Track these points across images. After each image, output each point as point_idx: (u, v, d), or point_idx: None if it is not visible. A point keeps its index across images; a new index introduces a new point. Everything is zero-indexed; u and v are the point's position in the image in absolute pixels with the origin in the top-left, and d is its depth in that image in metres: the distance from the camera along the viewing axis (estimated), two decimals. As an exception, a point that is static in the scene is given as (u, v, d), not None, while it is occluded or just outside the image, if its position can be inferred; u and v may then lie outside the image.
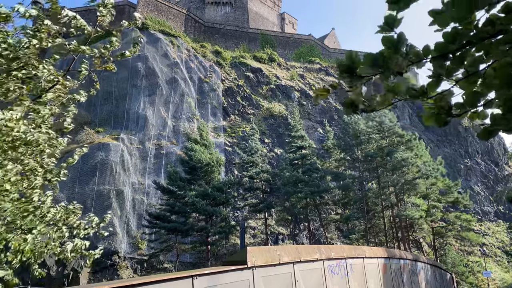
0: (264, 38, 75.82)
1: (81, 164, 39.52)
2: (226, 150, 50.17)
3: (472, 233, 45.52)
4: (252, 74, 64.49)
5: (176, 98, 53.03)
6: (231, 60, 65.69)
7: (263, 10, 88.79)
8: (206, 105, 55.81)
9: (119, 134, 45.31)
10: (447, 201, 40.30)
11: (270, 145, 54.12)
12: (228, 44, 71.58)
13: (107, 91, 49.21)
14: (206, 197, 31.16)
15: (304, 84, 68.49)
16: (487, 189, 66.29)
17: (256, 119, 57.12)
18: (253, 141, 40.54)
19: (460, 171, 64.87)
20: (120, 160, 41.89)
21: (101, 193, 38.77)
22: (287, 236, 43.40)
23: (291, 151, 40.30)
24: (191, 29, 69.29)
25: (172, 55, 57.61)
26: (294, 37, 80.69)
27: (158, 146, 46.54)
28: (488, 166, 70.23)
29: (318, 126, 61.50)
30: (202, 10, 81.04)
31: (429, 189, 38.56)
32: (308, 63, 75.30)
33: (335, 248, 11.30)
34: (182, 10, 69.76)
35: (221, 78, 60.75)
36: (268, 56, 71.14)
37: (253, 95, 61.34)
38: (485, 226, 59.04)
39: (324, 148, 46.39)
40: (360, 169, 39.80)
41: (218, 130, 53.50)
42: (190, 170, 33.83)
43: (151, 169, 44.04)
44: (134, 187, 41.45)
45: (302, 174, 36.55)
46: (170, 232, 30.86)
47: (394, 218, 39.46)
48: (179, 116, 51.50)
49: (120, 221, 38.00)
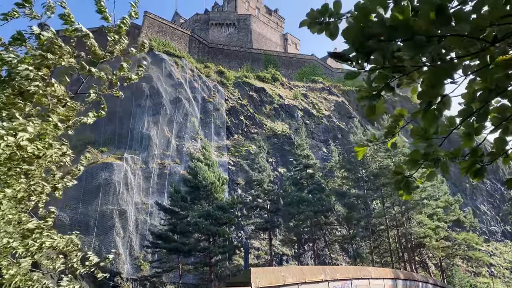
0: (267, 58, 76.66)
1: (84, 184, 39.52)
2: (229, 170, 50.09)
3: (480, 252, 44.78)
4: (255, 94, 64.94)
5: (180, 117, 53.33)
6: (234, 80, 66.31)
7: (266, 31, 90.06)
8: (210, 124, 56.06)
9: (122, 153, 45.43)
10: (450, 220, 39.80)
11: (274, 164, 54.00)
12: (232, 64, 72.38)
13: (112, 111, 49.53)
14: (209, 217, 30.91)
15: (307, 103, 68.80)
16: (494, 209, 65.50)
17: (260, 138, 57.25)
18: (261, 159, 40.44)
19: (465, 190, 64.26)
20: (123, 179, 41.87)
21: (104, 213, 38.60)
22: (291, 257, 42.82)
23: (296, 170, 40.09)
24: (195, 50, 70.21)
25: (176, 75, 58.23)
26: (297, 57, 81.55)
27: (161, 166, 46.55)
28: (494, 185, 69.58)
29: (322, 145, 61.45)
30: (206, 31, 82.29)
31: (435, 208, 38.14)
32: (311, 82, 75.85)
33: (340, 269, 11.12)
34: (187, 31, 70.87)
35: (224, 97, 61.19)
36: (271, 76, 71.79)
37: (256, 114, 61.62)
38: (492, 246, 58.08)
39: (328, 168, 46.22)
40: (364, 188, 39.53)
41: (222, 149, 53.55)
42: (193, 189, 33.68)
43: (154, 188, 43.94)
44: (137, 207, 41.28)
45: (307, 194, 36.31)
46: (172, 253, 30.53)
47: (399, 238, 38.92)
48: (182, 135, 51.68)
49: (123, 241, 37.69)
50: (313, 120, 64.73)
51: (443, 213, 39.97)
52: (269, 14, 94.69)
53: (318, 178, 39.46)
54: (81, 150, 44.36)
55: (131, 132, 48.70)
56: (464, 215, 39.88)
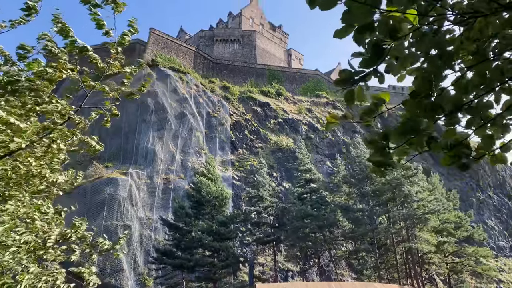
0: (271, 73, 77.21)
1: (89, 199, 39.58)
2: (234, 184, 49.99)
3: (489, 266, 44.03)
4: (259, 108, 65.23)
5: (185, 132, 53.56)
6: (239, 95, 66.74)
7: (270, 47, 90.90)
8: (214, 139, 56.21)
9: (127, 168, 45.54)
10: (460, 235, 39.32)
11: (279, 179, 53.87)
12: (236, 79, 72.93)
13: (117, 126, 49.92)
14: (212, 233, 30.76)
15: (312, 117, 68.94)
16: (501, 224, 64.68)
17: (264, 153, 57.23)
18: (260, 175, 40.40)
19: (472, 205, 63.59)
20: (128, 195, 41.88)
21: (109, 228, 38.51)
22: (296, 273, 42.32)
23: (300, 185, 39.99)
24: (200, 66, 70.91)
25: (181, 90, 58.70)
26: (300, 72, 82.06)
27: (166, 181, 46.57)
28: (501, 199, 68.85)
29: (327, 159, 61.31)
30: (211, 47, 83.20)
31: (443, 223, 37.75)
32: (315, 97, 76.15)
33: (346, 285, 11.00)
34: (192, 47, 71.71)
35: (229, 112, 61.50)
36: (275, 91, 72.21)
37: (260, 129, 61.78)
38: (501, 262, 57.17)
39: (333, 182, 46.00)
40: (370, 203, 39.24)
41: (226, 164, 53.55)
42: (197, 204, 33.62)
43: (159, 203, 43.89)
44: (141, 222, 41.18)
45: (310, 208, 36.10)
46: (176, 268, 30.32)
47: (406, 254, 38.43)
48: (187, 150, 51.82)
49: (127, 257, 37.50)
50: (317, 135, 64.77)
51: (453, 229, 39.51)
52: (273, 30, 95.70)
53: (322, 193, 39.29)
54: (87, 165, 44.60)
55: (136, 147, 48.91)
56: (475, 231, 39.42)
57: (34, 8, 5.24)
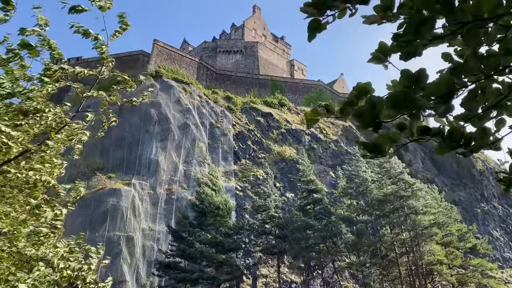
0: (274, 84, 77.50)
1: (92, 210, 39.57)
2: (237, 195, 49.87)
3: (494, 280, 43.45)
4: (262, 119, 65.36)
5: (188, 143, 53.66)
6: (242, 105, 66.95)
7: (273, 58, 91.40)
8: (217, 149, 56.27)
9: (130, 179, 45.57)
10: (465, 247, 38.95)
11: (282, 189, 53.69)
12: (239, 90, 73.24)
13: (120, 137, 50.11)
14: (215, 244, 30.63)
15: (315, 128, 68.88)
16: (507, 234, 64.02)
17: (267, 163, 57.15)
18: (267, 185, 40.35)
19: (477, 216, 63.06)
20: (131, 205, 41.84)
21: (112, 239, 38.41)
22: (300, 285, 41.94)
23: (303, 197, 39.85)
24: (203, 77, 71.33)
25: (184, 101, 58.99)
26: (303, 83, 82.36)
27: (169, 191, 46.53)
28: (506, 210, 68.28)
29: (330, 170, 61.13)
30: (214, 58, 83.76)
31: (448, 236, 37.48)
32: (317, 107, 76.15)
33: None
34: (195, 58, 72.23)
35: (232, 123, 61.64)
36: (278, 101, 72.39)
37: (263, 139, 61.81)
38: (506, 273, 56.45)
39: (335, 193, 45.80)
40: (372, 214, 39.01)
41: (229, 175, 53.49)
42: (201, 214, 33.54)
43: (162, 214, 43.79)
44: (144, 233, 41.06)
45: (314, 219, 35.91)
46: (179, 282, 30.14)
47: (410, 266, 38.06)
48: (190, 160, 51.86)
49: (130, 268, 37.32)
50: (320, 145, 64.70)
51: (457, 241, 39.18)
52: (275, 41, 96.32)
53: (325, 204, 39.12)
54: (90, 176, 44.68)
55: (139, 157, 49.00)
56: (480, 243, 39.02)
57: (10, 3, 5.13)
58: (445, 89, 2.06)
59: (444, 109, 2.12)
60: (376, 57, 2.24)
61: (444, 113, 2.13)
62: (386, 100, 2.06)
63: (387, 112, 2.06)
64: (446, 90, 2.06)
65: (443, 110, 2.13)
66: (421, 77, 2.07)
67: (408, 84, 2.08)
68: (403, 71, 2.09)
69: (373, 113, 2.08)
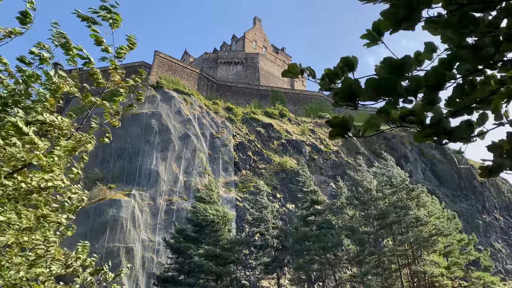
0: (274, 95, 77.79)
1: (92, 221, 39.32)
2: (237, 206, 49.64)
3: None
4: (263, 129, 65.42)
5: (188, 153, 53.62)
6: (242, 116, 67.08)
7: (273, 69, 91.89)
8: (218, 160, 56.19)
9: (131, 190, 45.41)
10: (467, 258, 38.64)
11: (282, 200, 53.48)
12: (240, 100, 73.48)
13: (121, 148, 50.08)
14: (214, 257, 30.38)
15: (315, 138, 68.96)
16: (509, 246, 63.52)
17: (268, 174, 57.02)
18: (263, 197, 40.08)
19: (478, 227, 62.65)
20: (131, 216, 41.62)
21: (111, 251, 38.12)
22: (300, 297, 41.46)
23: (304, 207, 39.59)
24: (204, 87, 71.63)
25: (185, 112, 59.12)
26: (304, 94, 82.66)
27: (169, 202, 46.33)
28: (507, 221, 67.86)
29: (330, 181, 60.95)
30: (215, 69, 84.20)
31: (450, 246, 37.20)
32: (318, 118, 76.37)
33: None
34: (196, 70, 72.61)
35: (232, 133, 61.68)
36: (278, 112, 72.58)
37: (264, 150, 61.77)
38: (509, 286, 55.86)
39: (337, 204, 45.58)
40: (374, 225, 38.79)
41: (230, 185, 53.32)
42: (198, 228, 33.35)
43: (162, 225, 43.53)
44: (144, 244, 40.76)
45: (315, 230, 35.64)
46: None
47: (412, 277, 37.71)
48: (190, 171, 51.75)
49: (129, 280, 36.97)
50: (321, 156, 64.61)
51: (459, 253, 38.90)
52: (276, 52, 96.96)
53: (326, 215, 38.90)
54: (90, 187, 44.51)
55: (140, 168, 48.90)
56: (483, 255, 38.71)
57: (29, 16, 5.22)
58: (435, 80, 2.04)
59: (431, 100, 2.09)
60: (369, 35, 2.19)
61: (431, 104, 2.10)
62: (365, 83, 2.04)
63: (367, 95, 2.04)
64: (435, 82, 2.04)
65: (429, 101, 2.09)
66: (406, 65, 2.05)
67: (391, 71, 2.05)
68: (385, 59, 2.07)
69: (349, 92, 2.06)
